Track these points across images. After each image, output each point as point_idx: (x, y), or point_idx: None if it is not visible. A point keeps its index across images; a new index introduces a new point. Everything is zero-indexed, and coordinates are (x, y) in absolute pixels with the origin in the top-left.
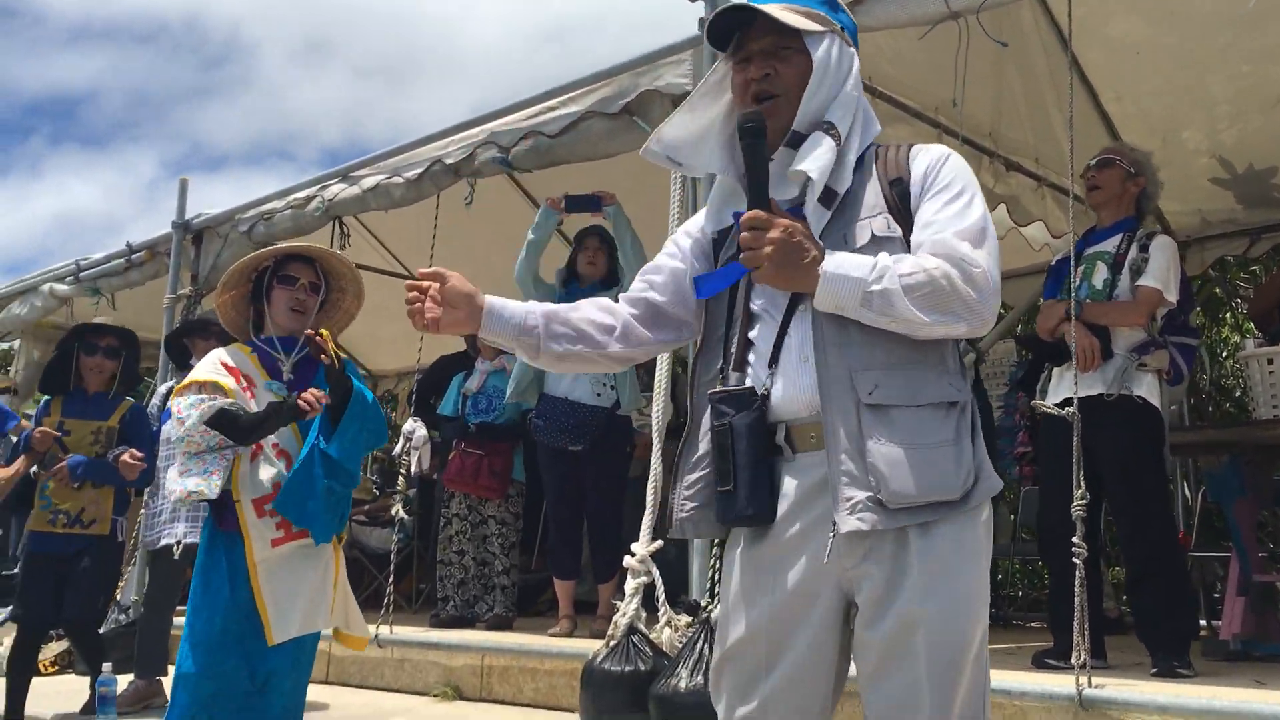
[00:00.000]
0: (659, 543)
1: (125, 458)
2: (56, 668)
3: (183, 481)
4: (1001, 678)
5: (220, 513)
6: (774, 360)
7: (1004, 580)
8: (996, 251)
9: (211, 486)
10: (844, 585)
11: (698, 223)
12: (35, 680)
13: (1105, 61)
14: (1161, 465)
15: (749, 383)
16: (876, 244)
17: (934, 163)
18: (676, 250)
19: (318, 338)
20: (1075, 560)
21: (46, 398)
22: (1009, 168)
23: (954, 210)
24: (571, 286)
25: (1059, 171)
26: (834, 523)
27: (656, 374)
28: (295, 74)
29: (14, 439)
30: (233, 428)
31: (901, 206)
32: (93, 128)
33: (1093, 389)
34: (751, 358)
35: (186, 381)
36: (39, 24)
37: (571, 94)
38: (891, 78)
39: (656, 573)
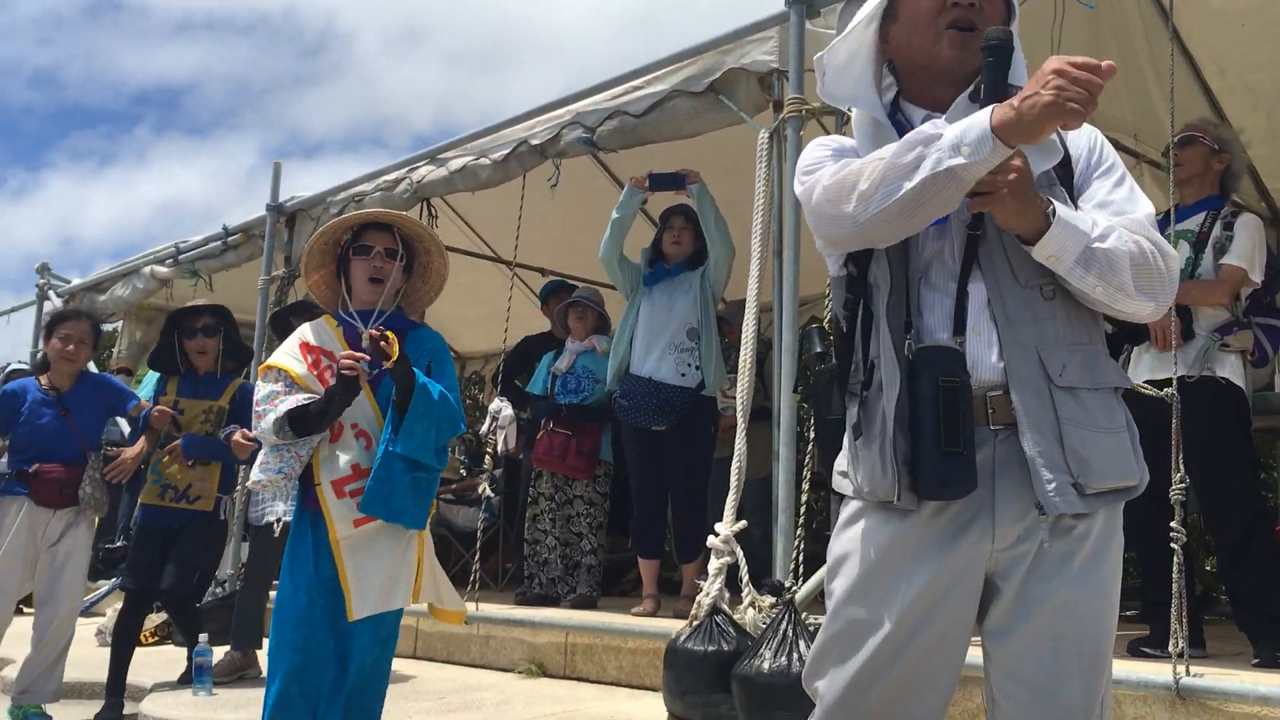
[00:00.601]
0: (742, 523)
1: (237, 437)
2: (156, 639)
3: (257, 472)
4: None
5: (305, 492)
6: (959, 328)
7: None
8: None
9: (282, 483)
10: (989, 568)
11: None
12: (136, 651)
13: (1208, 34)
14: (1248, 446)
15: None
16: None
17: (1095, 141)
18: None
19: (382, 342)
20: (1174, 545)
21: (157, 375)
22: None
23: (1125, 193)
24: (657, 266)
25: (1159, 148)
26: (1038, 505)
27: (741, 354)
28: (389, 62)
29: (133, 418)
30: (307, 422)
31: (1064, 180)
32: (195, 117)
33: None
34: (929, 320)
35: (263, 365)
36: (144, 16)
37: (656, 73)
38: None
39: (740, 553)
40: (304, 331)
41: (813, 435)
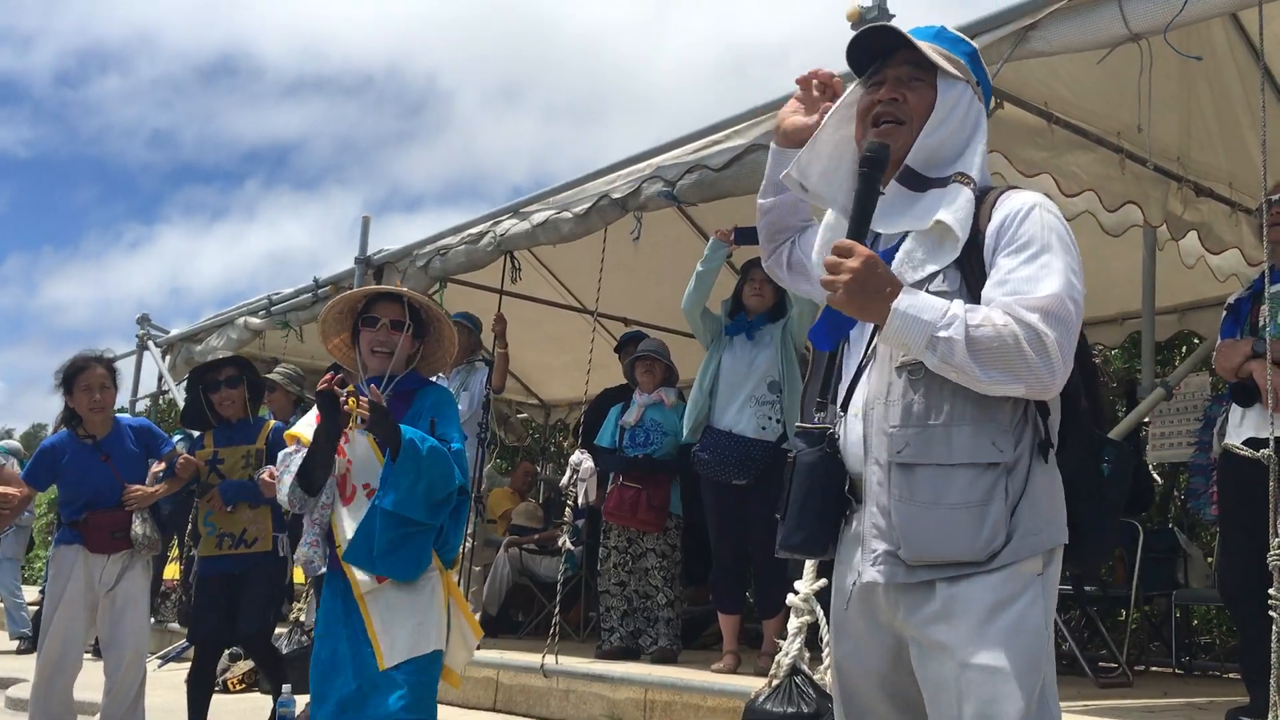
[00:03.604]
0: (823, 581)
1: (265, 477)
2: (244, 685)
3: (302, 550)
4: None
5: (331, 551)
6: (845, 408)
7: (1200, 627)
8: (1075, 319)
9: (317, 556)
10: (897, 633)
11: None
12: (223, 698)
13: None
14: None
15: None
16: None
17: (1012, 215)
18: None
19: (345, 406)
20: (1273, 614)
21: (198, 433)
22: (1199, 193)
23: (1029, 272)
24: (739, 318)
25: (1256, 197)
26: (858, 572)
27: None
28: (487, 117)
29: (163, 466)
30: (308, 474)
31: (971, 257)
32: (303, 172)
33: None
34: (839, 400)
35: (287, 434)
36: (257, 79)
37: (736, 127)
38: (1070, 103)
39: (821, 612)
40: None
41: None
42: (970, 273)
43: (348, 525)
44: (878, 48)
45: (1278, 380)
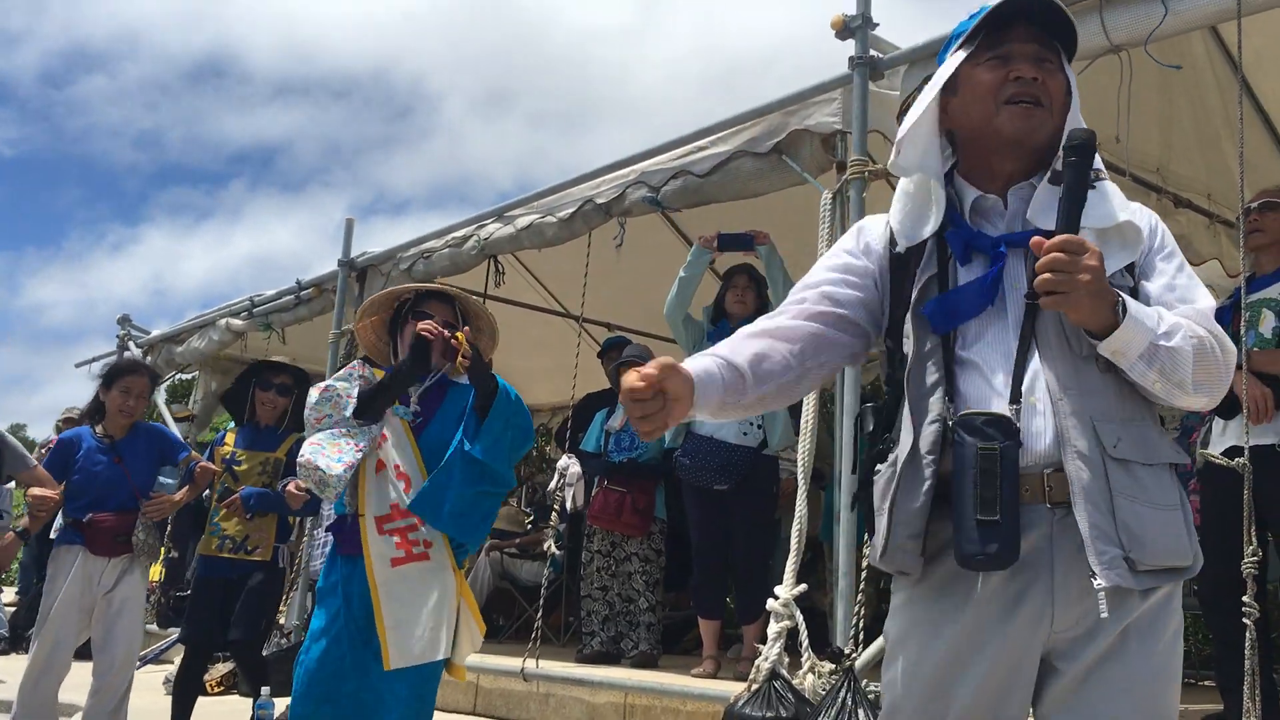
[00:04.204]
0: (803, 586)
1: (291, 488)
2: (222, 688)
3: (329, 462)
4: None
5: (341, 534)
6: (1014, 399)
7: None
8: None
9: (338, 471)
10: (1046, 646)
11: (861, 242)
12: (201, 700)
13: None
14: None
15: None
16: None
17: (1155, 223)
18: (851, 277)
19: (453, 340)
20: (1246, 621)
21: (223, 431)
22: (1178, 204)
23: (1187, 280)
24: (721, 324)
25: (1235, 209)
26: (1093, 576)
27: (803, 414)
28: (474, 122)
29: (181, 471)
30: (372, 400)
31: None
32: (289, 175)
33: (1263, 439)
34: (980, 389)
35: (320, 386)
36: (245, 83)
37: (721, 133)
38: None
39: (800, 617)
40: (359, 366)
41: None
42: (1133, 277)
43: (381, 498)
44: (1005, 12)
45: (1259, 391)
